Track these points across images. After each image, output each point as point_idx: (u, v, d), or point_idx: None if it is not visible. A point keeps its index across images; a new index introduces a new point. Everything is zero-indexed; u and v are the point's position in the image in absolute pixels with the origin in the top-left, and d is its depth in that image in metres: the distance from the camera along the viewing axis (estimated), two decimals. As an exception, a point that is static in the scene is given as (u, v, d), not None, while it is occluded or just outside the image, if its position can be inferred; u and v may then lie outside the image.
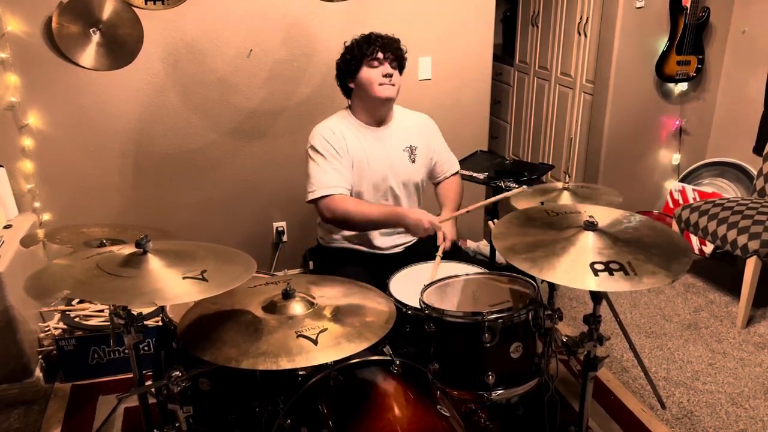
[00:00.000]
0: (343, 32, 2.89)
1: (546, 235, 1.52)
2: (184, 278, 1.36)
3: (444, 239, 2.13)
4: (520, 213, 1.69)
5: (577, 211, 1.64)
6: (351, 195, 2.16)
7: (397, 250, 2.30)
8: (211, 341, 1.33)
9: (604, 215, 1.58)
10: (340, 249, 2.27)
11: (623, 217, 1.60)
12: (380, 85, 2.09)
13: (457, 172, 2.44)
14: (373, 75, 2.09)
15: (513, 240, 1.52)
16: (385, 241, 2.27)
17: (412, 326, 1.73)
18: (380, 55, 2.08)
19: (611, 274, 1.35)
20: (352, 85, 2.16)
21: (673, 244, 1.49)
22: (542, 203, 1.95)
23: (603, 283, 1.34)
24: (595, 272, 1.35)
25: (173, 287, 1.34)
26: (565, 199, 1.99)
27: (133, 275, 1.36)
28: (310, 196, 2.10)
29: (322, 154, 2.09)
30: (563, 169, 3.97)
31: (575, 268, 1.37)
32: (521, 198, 2.05)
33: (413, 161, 2.24)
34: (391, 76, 2.09)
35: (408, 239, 2.30)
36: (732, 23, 3.49)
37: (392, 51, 2.10)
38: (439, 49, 3.09)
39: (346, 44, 2.16)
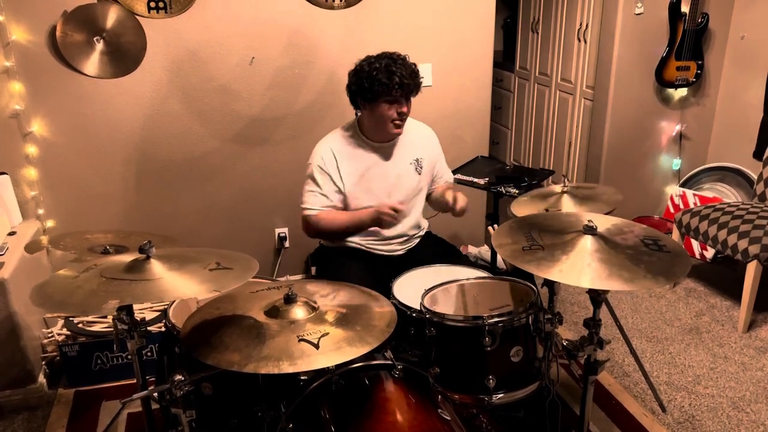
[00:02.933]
0: (344, 40, 2.93)
1: (545, 240, 1.53)
2: (211, 270, 1.41)
3: (454, 201, 2.18)
4: (518, 220, 1.70)
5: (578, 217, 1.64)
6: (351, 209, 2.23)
7: (398, 252, 2.31)
8: (214, 346, 1.34)
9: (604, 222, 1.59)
10: (342, 248, 2.29)
11: (624, 224, 1.61)
12: (392, 122, 2.12)
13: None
14: (388, 113, 2.09)
15: (514, 246, 1.54)
16: (384, 246, 2.29)
17: (416, 329, 1.75)
18: (399, 93, 2.05)
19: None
20: (362, 105, 2.15)
21: (673, 251, 1.50)
22: (546, 210, 1.96)
23: (599, 282, 1.36)
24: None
25: (204, 281, 1.38)
26: (566, 202, 1.99)
27: (154, 277, 1.39)
28: (301, 212, 2.22)
29: (315, 175, 2.18)
30: (563, 173, 3.98)
31: (574, 268, 1.39)
32: (522, 204, 2.06)
33: (419, 173, 2.28)
34: (404, 113, 2.11)
35: (405, 239, 2.32)
36: (731, 29, 3.50)
37: (412, 90, 2.08)
38: (439, 55, 3.11)
39: (364, 65, 2.09)
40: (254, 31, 2.82)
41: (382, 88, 2.04)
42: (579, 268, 1.39)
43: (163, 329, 1.82)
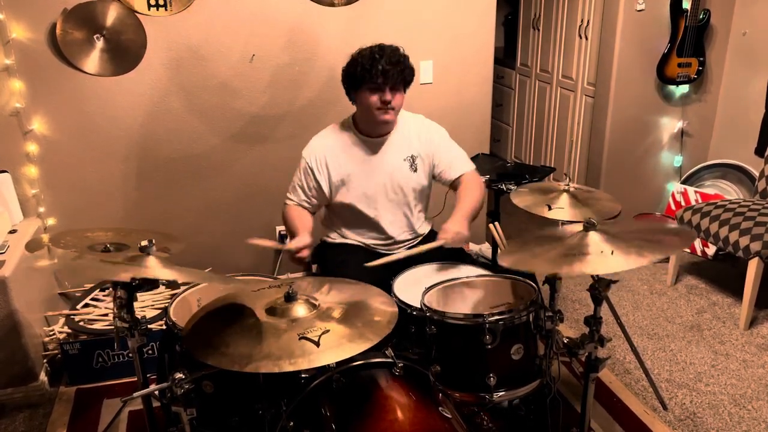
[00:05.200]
0: (345, 37, 2.92)
1: (554, 247, 1.52)
2: (207, 271, 1.42)
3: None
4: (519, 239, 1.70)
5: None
6: (340, 207, 2.25)
7: (400, 251, 2.31)
8: (215, 344, 1.34)
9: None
10: (344, 246, 2.29)
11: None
12: (377, 109, 2.10)
13: (471, 171, 2.30)
14: (371, 99, 2.08)
15: (531, 262, 1.55)
16: (386, 248, 2.29)
17: (417, 327, 1.74)
18: (381, 80, 2.04)
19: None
20: (352, 95, 2.18)
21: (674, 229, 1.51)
22: (549, 207, 1.95)
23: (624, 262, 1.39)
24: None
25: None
26: (564, 200, 1.99)
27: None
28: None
29: (301, 169, 2.23)
30: (564, 171, 3.98)
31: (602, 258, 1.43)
32: (522, 196, 2.04)
33: (414, 170, 2.24)
34: (389, 102, 2.08)
35: (407, 240, 2.31)
36: (733, 25, 3.49)
37: (395, 77, 2.05)
38: (440, 52, 3.10)
39: (353, 54, 2.13)
40: (254, 29, 2.81)
41: (363, 74, 2.05)
42: (605, 257, 1.42)
43: (163, 327, 1.82)
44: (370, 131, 2.20)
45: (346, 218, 2.28)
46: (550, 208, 1.93)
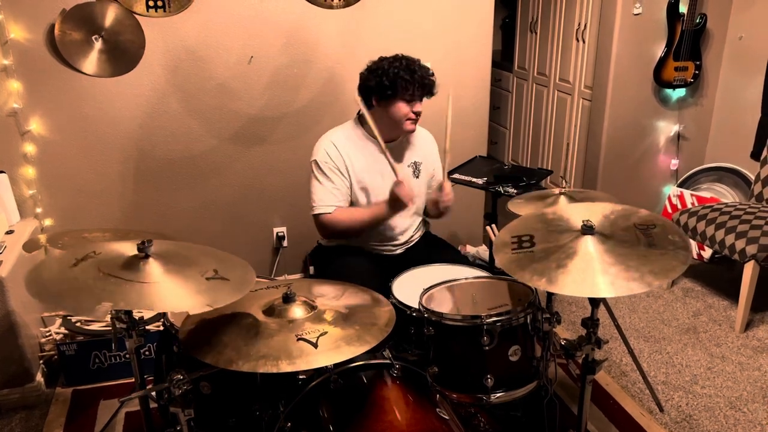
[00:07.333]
0: (343, 39, 2.93)
1: (547, 243, 1.51)
2: (208, 279, 1.37)
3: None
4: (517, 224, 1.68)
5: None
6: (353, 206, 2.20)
7: (397, 251, 2.31)
8: (212, 344, 1.34)
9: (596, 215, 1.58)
10: (341, 247, 2.29)
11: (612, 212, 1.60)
12: (408, 119, 2.12)
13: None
14: (405, 110, 2.10)
15: (514, 254, 1.52)
16: (381, 246, 2.30)
17: (416, 328, 1.75)
18: (419, 92, 2.08)
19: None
20: (375, 103, 2.14)
21: (671, 234, 1.49)
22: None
23: (616, 288, 1.34)
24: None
25: (199, 291, 1.33)
26: (562, 204, 2.00)
27: (150, 280, 1.36)
28: (312, 212, 2.18)
29: (323, 170, 2.14)
30: (561, 174, 3.99)
31: (584, 278, 1.37)
32: (520, 207, 2.06)
33: (417, 176, 2.27)
34: (419, 113, 2.13)
35: (406, 239, 2.31)
36: (729, 29, 3.51)
37: (430, 91, 2.12)
38: (438, 55, 3.10)
39: (383, 64, 2.08)
40: (253, 30, 2.82)
41: (403, 85, 2.05)
42: (590, 277, 1.37)
43: (161, 328, 1.82)
44: (382, 136, 2.18)
45: None
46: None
